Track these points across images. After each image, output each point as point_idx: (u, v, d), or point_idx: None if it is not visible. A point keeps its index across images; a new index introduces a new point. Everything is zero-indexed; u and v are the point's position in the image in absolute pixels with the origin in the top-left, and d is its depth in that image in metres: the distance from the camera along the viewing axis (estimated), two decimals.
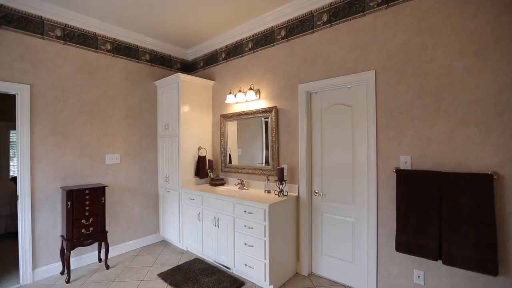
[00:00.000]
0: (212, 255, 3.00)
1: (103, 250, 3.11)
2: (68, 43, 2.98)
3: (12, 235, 4.00)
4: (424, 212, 1.97)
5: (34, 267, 2.73)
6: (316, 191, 2.73)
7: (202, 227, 3.10)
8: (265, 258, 2.43)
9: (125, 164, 3.47)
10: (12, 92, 2.64)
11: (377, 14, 2.29)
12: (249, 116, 3.28)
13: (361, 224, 2.43)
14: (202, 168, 3.56)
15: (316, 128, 2.75)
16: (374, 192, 2.29)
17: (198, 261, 3.11)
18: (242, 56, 3.41)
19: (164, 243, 3.75)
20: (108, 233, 3.08)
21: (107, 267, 2.99)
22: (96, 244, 3.15)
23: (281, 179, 2.72)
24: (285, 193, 2.76)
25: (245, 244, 2.59)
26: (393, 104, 2.20)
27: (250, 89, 3.14)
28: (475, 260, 1.75)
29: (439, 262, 1.97)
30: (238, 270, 2.74)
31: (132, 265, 3.07)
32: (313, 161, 2.78)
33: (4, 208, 4.08)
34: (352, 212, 2.49)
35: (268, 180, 2.97)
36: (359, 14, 2.38)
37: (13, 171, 6.16)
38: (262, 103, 3.17)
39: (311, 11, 2.69)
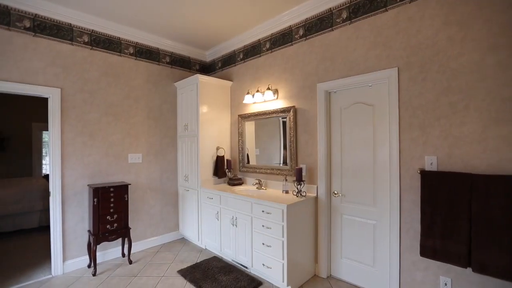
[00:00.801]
0: (230, 254, 3.03)
1: (126, 246, 3.24)
2: (95, 48, 3.13)
3: (44, 229, 4.27)
4: (452, 216, 1.86)
5: (64, 259, 2.90)
6: (335, 192, 2.67)
7: (220, 226, 3.14)
8: (283, 259, 2.41)
9: (147, 163, 3.60)
10: (45, 95, 2.82)
11: (399, 9, 2.20)
12: (267, 116, 3.28)
13: (383, 226, 2.35)
14: (221, 168, 3.61)
15: (335, 128, 2.69)
16: (396, 193, 2.21)
17: (216, 260, 3.15)
18: (260, 56, 3.41)
19: (184, 240, 3.84)
20: (131, 230, 3.20)
21: (130, 262, 3.11)
22: (119, 240, 3.29)
23: (299, 180, 2.69)
24: (304, 194, 2.73)
25: (263, 244, 2.59)
26: (417, 102, 2.11)
27: (268, 89, 3.13)
28: (510, 269, 1.63)
29: (469, 269, 1.85)
30: (255, 269, 2.74)
31: (153, 261, 3.17)
32: (332, 161, 2.72)
33: (38, 203, 4.37)
34: (373, 214, 2.42)
35: (286, 180, 2.95)
36: (380, 10, 2.30)
37: (45, 169, 6.58)
38: (280, 103, 3.16)
39: (330, 8, 2.64)
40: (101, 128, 3.19)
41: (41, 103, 5.95)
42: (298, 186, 2.71)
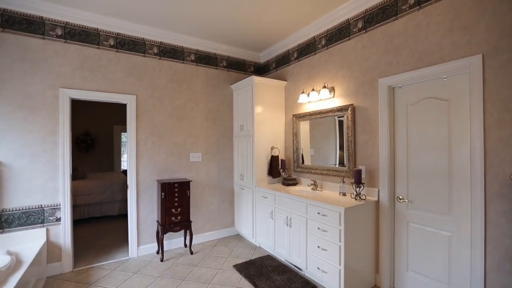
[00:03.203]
0: (284, 254, 3.02)
1: (187, 238, 3.53)
2: (163, 58, 3.50)
3: (123, 216, 4.95)
4: None
5: (138, 244, 3.32)
6: (400, 197, 2.43)
7: (275, 225, 3.16)
8: (339, 264, 2.30)
9: (206, 162, 3.85)
10: (124, 102, 3.27)
11: None
12: (323, 115, 3.17)
13: (461, 240, 2.03)
14: (275, 168, 3.63)
15: (400, 126, 2.44)
16: (480, 203, 1.88)
17: (270, 258, 3.18)
18: (315, 53, 3.32)
19: (239, 237, 3.99)
20: (192, 223, 3.47)
21: (191, 252, 3.37)
22: (182, 232, 3.60)
23: (358, 182, 2.53)
24: (363, 197, 2.55)
25: (318, 247, 2.51)
26: (509, 94, 1.76)
27: (324, 87, 3.03)
28: None
29: None
30: (310, 272, 2.68)
31: (211, 254, 3.38)
32: (397, 163, 2.48)
33: (118, 194, 5.10)
34: (448, 225, 2.11)
35: (344, 182, 2.80)
36: None
37: (123, 165, 7.63)
38: (336, 101, 3.02)
39: None
40: (167, 130, 3.54)
41: (121, 108, 6.92)
42: (357, 189, 2.54)
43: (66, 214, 2.89)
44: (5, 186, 2.62)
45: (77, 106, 6.56)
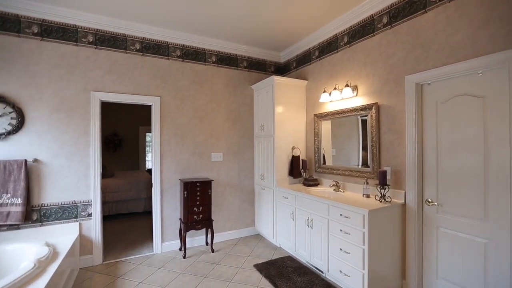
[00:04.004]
0: (305, 255, 2.98)
1: (209, 236, 3.60)
2: (185, 60, 3.60)
3: (148, 213, 5.15)
4: None
5: (162, 241, 3.44)
6: (429, 200, 2.30)
7: (295, 226, 3.13)
8: (363, 268, 2.23)
9: (227, 162, 3.90)
10: (149, 103, 3.40)
11: None
12: (345, 115, 3.09)
13: (500, 247, 1.88)
14: (296, 168, 3.60)
15: (430, 125, 2.31)
16: None
17: (290, 259, 3.16)
18: (337, 51, 3.25)
19: (259, 236, 4.00)
20: (213, 221, 3.53)
21: (212, 250, 3.43)
22: (204, 230, 3.67)
23: (383, 183, 2.44)
24: (388, 199, 2.45)
25: (341, 249, 2.45)
26: None
27: (347, 85, 2.95)
28: None
29: None
30: (332, 275, 2.62)
31: (232, 253, 3.41)
32: (425, 164, 2.35)
33: (143, 192, 5.31)
34: (484, 231, 1.97)
35: (367, 183, 2.71)
36: None
37: (148, 164, 7.94)
38: (359, 100, 2.93)
39: None
40: (189, 130, 3.63)
41: (146, 110, 7.20)
42: (382, 191, 2.45)
43: (96, 210, 3.06)
44: (43, 182, 2.84)
45: (105, 108, 6.93)
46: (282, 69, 4.37)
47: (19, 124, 2.71)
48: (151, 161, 3.65)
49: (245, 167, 4.06)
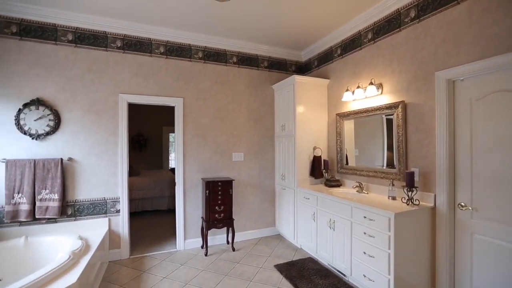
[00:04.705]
0: (327, 257, 2.92)
1: (230, 235, 3.64)
2: (207, 61, 3.67)
3: (171, 211, 5.31)
4: None
5: (185, 238, 3.53)
6: (462, 203, 2.16)
7: (317, 227, 3.08)
8: (389, 274, 2.14)
9: (247, 161, 3.93)
10: (172, 104, 3.51)
11: None
12: (369, 114, 2.99)
13: None
14: (317, 168, 3.54)
15: (463, 124, 2.17)
16: None
17: (311, 261, 3.11)
18: (361, 48, 3.15)
19: (279, 237, 3.98)
20: (234, 221, 3.57)
21: (233, 249, 3.47)
22: (225, 229, 3.72)
23: (410, 185, 2.32)
24: (416, 202, 2.33)
25: (364, 253, 2.37)
26: None
27: (371, 83, 2.85)
28: None
29: None
30: (355, 279, 2.54)
31: (252, 252, 3.43)
32: (458, 166, 2.21)
33: (167, 190, 5.49)
34: None
35: (393, 185, 2.60)
36: None
37: (171, 164, 8.20)
38: (384, 99, 2.82)
39: None
40: (211, 130, 3.70)
41: (169, 111, 7.44)
42: (409, 193, 2.34)
43: (124, 207, 3.22)
44: (77, 180, 3.03)
45: (131, 109, 7.26)
46: (303, 68, 4.32)
47: (56, 125, 2.92)
48: (174, 160, 3.76)
49: (265, 167, 4.06)
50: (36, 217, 2.78)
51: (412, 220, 2.22)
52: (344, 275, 2.72)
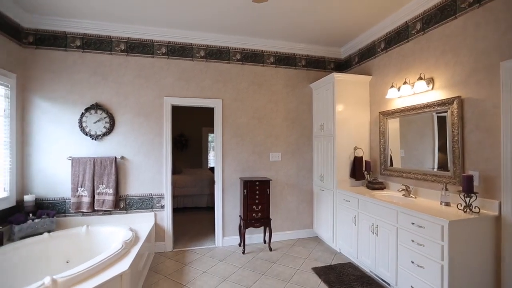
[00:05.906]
0: (368, 264, 2.77)
1: (267, 234, 3.65)
2: (245, 63, 3.74)
3: (210, 209, 5.52)
4: None
5: (223, 235, 3.64)
6: None
7: (358, 231, 2.93)
8: (441, 287, 1.94)
9: (285, 161, 3.90)
10: (212, 106, 3.65)
11: None
12: (417, 112, 2.75)
13: None
14: (358, 169, 3.37)
15: None
16: None
17: (351, 266, 2.97)
18: (407, 41, 2.91)
19: (317, 239, 3.88)
20: (271, 220, 3.57)
21: (270, 249, 3.48)
22: (262, 228, 3.75)
23: (468, 191, 2.08)
24: (475, 209, 2.08)
25: (412, 262, 2.19)
26: None
27: (420, 78, 2.62)
28: None
29: None
30: None
31: (289, 253, 3.39)
32: None
33: (206, 188, 5.73)
34: None
35: (447, 189, 2.35)
36: None
37: (210, 163, 8.53)
38: (435, 94, 2.57)
39: None
40: (249, 130, 3.76)
41: (208, 112, 7.75)
42: (467, 199, 2.09)
43: (168, 202, 3.44)
44: (128, 176, 3.32)
45: (173, 111, 7.71)
46: (342, 66, 4.15)
47: (111, 127, 3.24)
48: (213, 159, 3.90)
49: (303, 167, 3.99)
50: (95, 208, 3.12)
51: (471, 229, 1.98)
52: (389, 284, 2.54)
